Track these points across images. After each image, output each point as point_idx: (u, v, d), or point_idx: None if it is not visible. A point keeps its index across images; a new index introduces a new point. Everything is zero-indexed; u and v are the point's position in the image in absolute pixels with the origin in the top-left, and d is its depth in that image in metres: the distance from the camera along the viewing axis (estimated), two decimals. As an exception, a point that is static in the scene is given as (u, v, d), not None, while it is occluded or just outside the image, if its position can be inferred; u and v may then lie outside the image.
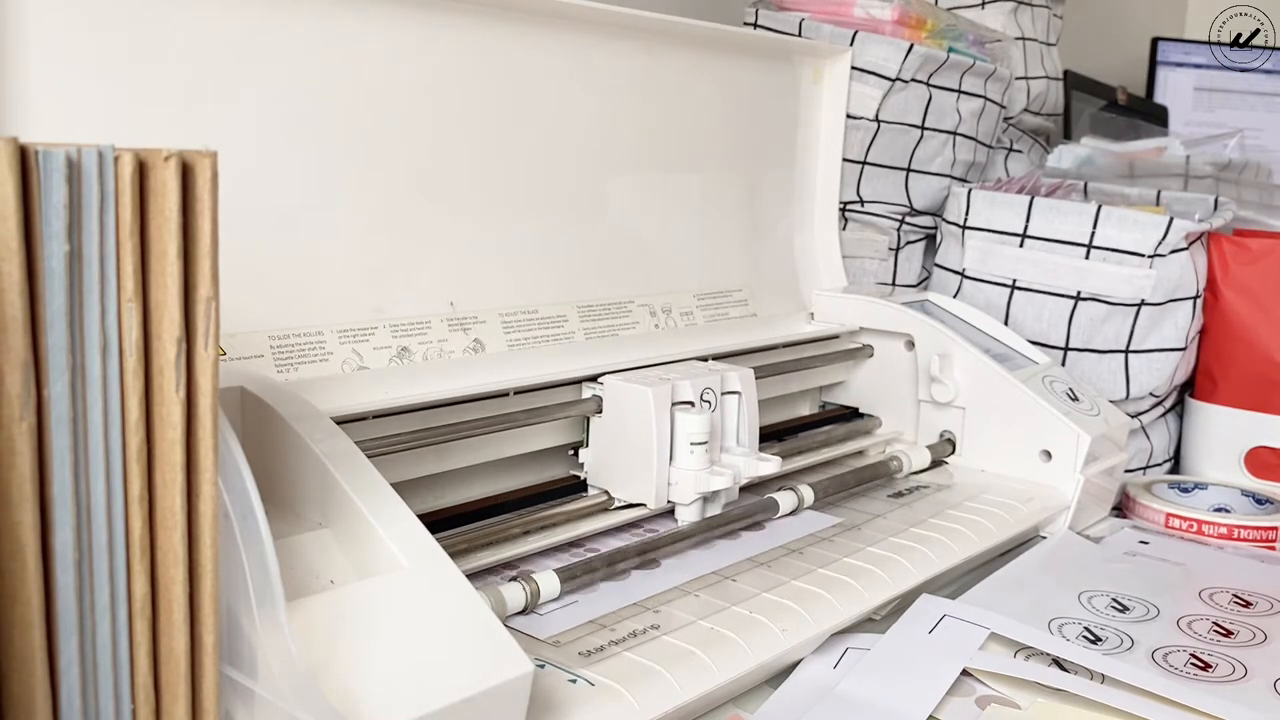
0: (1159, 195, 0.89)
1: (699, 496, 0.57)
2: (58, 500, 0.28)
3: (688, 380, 0.58)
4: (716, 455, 0.59)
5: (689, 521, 0.58)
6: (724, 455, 0.60)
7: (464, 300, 0.59)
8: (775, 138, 0.79)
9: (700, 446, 0.56)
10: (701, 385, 0.58)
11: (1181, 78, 1.53)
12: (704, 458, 0.57)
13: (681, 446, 0.56)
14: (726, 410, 0.60)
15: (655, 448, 0.56)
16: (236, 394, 0.43)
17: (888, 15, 0.84)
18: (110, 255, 0.28)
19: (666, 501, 0.57)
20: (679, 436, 0.56)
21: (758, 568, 0.54)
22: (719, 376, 0.60)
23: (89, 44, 0.45)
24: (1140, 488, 0.75)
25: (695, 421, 0.56)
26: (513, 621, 0.47)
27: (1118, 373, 0.79)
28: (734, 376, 0.60)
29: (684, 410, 0.57)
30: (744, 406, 0.61)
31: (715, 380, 0.59)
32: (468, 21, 0.58)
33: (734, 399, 0.61)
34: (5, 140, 0.25)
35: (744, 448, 0.61)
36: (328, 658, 0.34)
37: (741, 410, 0.61)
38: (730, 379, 0.60)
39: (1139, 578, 0.59)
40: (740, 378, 0.61)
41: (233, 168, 0.36)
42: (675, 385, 0.57)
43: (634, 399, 0.56)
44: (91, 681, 0.29)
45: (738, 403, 0.61)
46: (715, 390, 0.59)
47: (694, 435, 0.56)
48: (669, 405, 0.56)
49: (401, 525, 0.39)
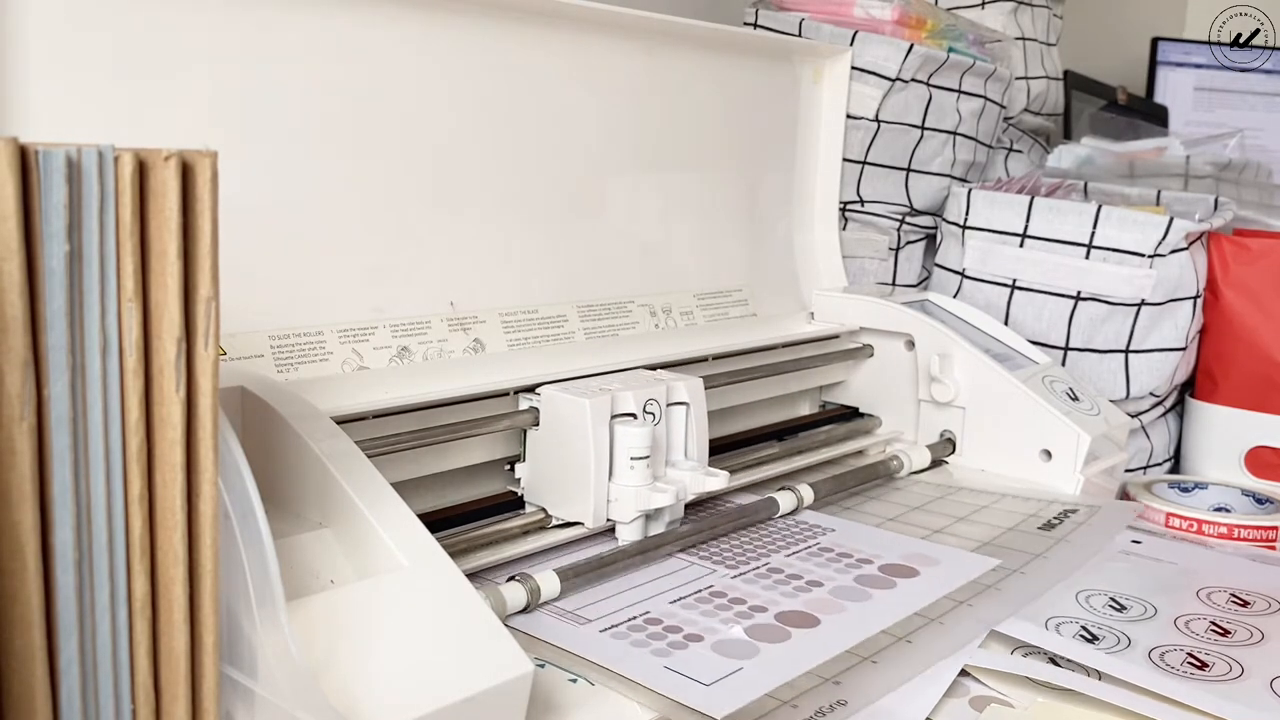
0: (1159, 195, 0.89)
1: (640, 514, 0.54)
2: (58, 500, 0.28)
3: (629, 391, 0.54)
4: (661, 470, 0.56)
5: (630, 541, 0.55)
6: (670, 470, 0.56)
7: (464, 300, 0.59)
8: (775, 138, 0.79)
9: (641, 461, 0.53)
10: (645, 396, 0.55)
11: (1181, 78, 1.52)
12: (646, 473, 0.54)
13: (622, 461, 0.53)
14: (673, 423, 0.57)
15: (593, 463, 0.53)
16: (236, 394, 0.43)
17: (888, 15, 0.84)
18: (110, 255, 0.28)
19: (606, 520, 0.54)
20: (619, 451, 0.53)
21: (930, 623, 0.49)
22: (664, 387, 0.56)
23: (89, 44, 0.45)
24: (1140, 487, 0.75)
25: (636, 435, 0.53)
26: (513, 621, 0.47)
27: (1118, 372, 0.79)
28: (681, 387, 0.57)
29: (624, 423, 0.54)
30: (692, 418, 0.57)
31: (660, 391, 0.56)
32: (468, 22, 0.58)
33: (681, 410, 0.57)
34: (5, 140, 0.26)
35: (693, 461, 0.58)
36: (328, 658, 0.34)
37: (690, 422, 0.57)
38: (677, 389, 0.57)
39: (1137, 577, 0.59)
40: (688, 388, 0.57)
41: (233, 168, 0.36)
42: (615, 396, 0.54)
43: (571, 411, 0.53)
44: (91, 681, 0.29)
45: (685, 414, 0.57)
46: (660, 401, 0.56)
47: (634, 449, 0.53)
48: (608, 418, 0.53)
49: (401, 525, 0.39)
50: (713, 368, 0.68)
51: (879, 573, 0.54)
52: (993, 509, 0.64)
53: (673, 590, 0.51)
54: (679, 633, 0.46)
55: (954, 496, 0.67)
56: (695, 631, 0.46)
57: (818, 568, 0.54)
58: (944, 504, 0.66)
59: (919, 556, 0.56)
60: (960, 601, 0.50)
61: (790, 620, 0.48)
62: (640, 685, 0.42)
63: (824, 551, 0.56)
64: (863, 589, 0.52)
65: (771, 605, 0.49)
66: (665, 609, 0.49)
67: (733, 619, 0.48)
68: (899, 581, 0.53)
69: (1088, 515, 0.64)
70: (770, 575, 0.53)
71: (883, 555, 0.56)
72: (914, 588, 0.52)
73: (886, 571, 0.54)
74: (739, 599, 0.50)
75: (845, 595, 0.51)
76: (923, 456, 0.71)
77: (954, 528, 0.61)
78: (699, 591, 0.51)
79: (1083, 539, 0.60)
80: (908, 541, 0.59)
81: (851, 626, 0.48)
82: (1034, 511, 0.64)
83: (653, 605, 0.49)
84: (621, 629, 0.46)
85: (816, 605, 0.50)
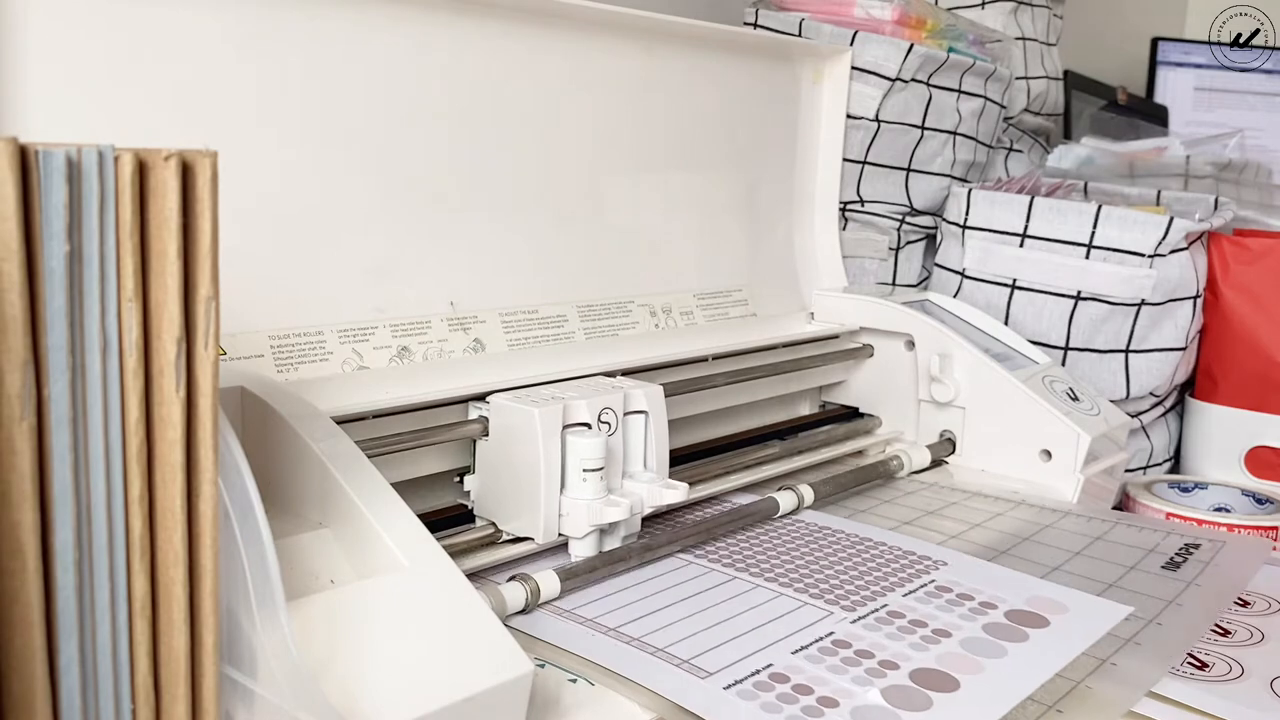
0: (1159, 195, 0.89)
1: (593, 529, 0.52)
2: (58, 500, 0.28)
3: (583, 400, 0.52)
4: (617, 482, 0.54)
5: (583, 557, 0.52)
6: (627, 482, 0.54)
7: (464, 300, 0.59)
8: (775, 138, 0.79)
9: (595, 474, 0.51)
10: (600, 405, 0.53)
11: (1181, 78, 1.53)
12: (599, 486, 0.51)
13: (574, 473, 0.51)
14: (631, 432, 0.55)
15: (543, 475, 0.50)
16: (236, 394, 0.43)
17: (888, 15, 0.84)
18: (110, 255, 0.28)
19: (558, 535, 0.52)
20: (571, 462, 0.51)
21: (1076, 688, 0.44)
22: (621, 395, 0.54)
23: (89, 44, 0.45)
24: (1140, 487, 0.75)
25: (588, 446, 0.51)
26: (513, 621, 0.47)
27: (1118, 372, 0.79)
28: (639, 395, 0.55)
29: (577, 433, 0.51)
30: (651, 428, 0.55)
31: (617, 399, 0.54)
32: (468, 21, 0.58)
33: (639, 420, 0.55)
34: (5, 140, 0.26)
35: (651, 473, 0.55)
36: (328, 658, 0.34)
37: (649, 432, 0.55)
38: (635, 398, 0.55)
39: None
40: (646, 396, 0.55)
41: (233, 167, 0.36)
42: (568, 405, 0.51)
43: (520, 420, 0.51)
44: (91, 681, 0.29)
45: (644, 424, 0.55)
46: (616, 410, 0.54)
47: (587, 461, 0.51)
48: (560, 428, 0.51)
49: (401, 525, 0.39)
50: (713, 368, 0.68)
51: (1007, 621, 0.49)
52: (1110, 543, 0.60)
53: (792, 637, 0.47)
54: (811, 694, 0.42)
55: (1061, 525, 0.63)
56: (829, 694, 0.42)
57: (940, 613, 0.50)
58: (1050, 534, 0.61)
59: (1045, 601, 0.52)
60: (1102, 660, 0.46)
61: (927, 681, 0.44)
62: (638, 685, 0.42)
63: (942, 592, 0.52)
64: (995, 642, 0.47)
65: (903, 661, 0.45)
66: (790, 662, 0.45)
67: (865, 677, 0.44)
68: (1030, 633, 0.48)
69: (1212, 552, 0.60)
70: (893, 621, 0.49)
71: (1005, 598, 0.52)
72: (1048, 641, 0.48)
73: (1014, 619, 0.50)
74: (866, 651, 0.46)
75: (978, 649, 0.47)
76: (923, 456, 0.71)
77: (1072, 564, 0.57)
78: (820, 640, 0.46)
79: (1213, 583, 0.56)
80: (1027, 581, 0.54)
81: (994, 691, 0.43)
82: (1151, 546, 0.60)
83: (775, 657, 0.45)
84: (747, 686, 0.42)
85: (951, 662, 0.45)
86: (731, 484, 0.64)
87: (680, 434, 0.69)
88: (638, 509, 0.53)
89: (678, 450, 0.67)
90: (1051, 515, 0.65)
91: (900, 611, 0.50)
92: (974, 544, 0.59)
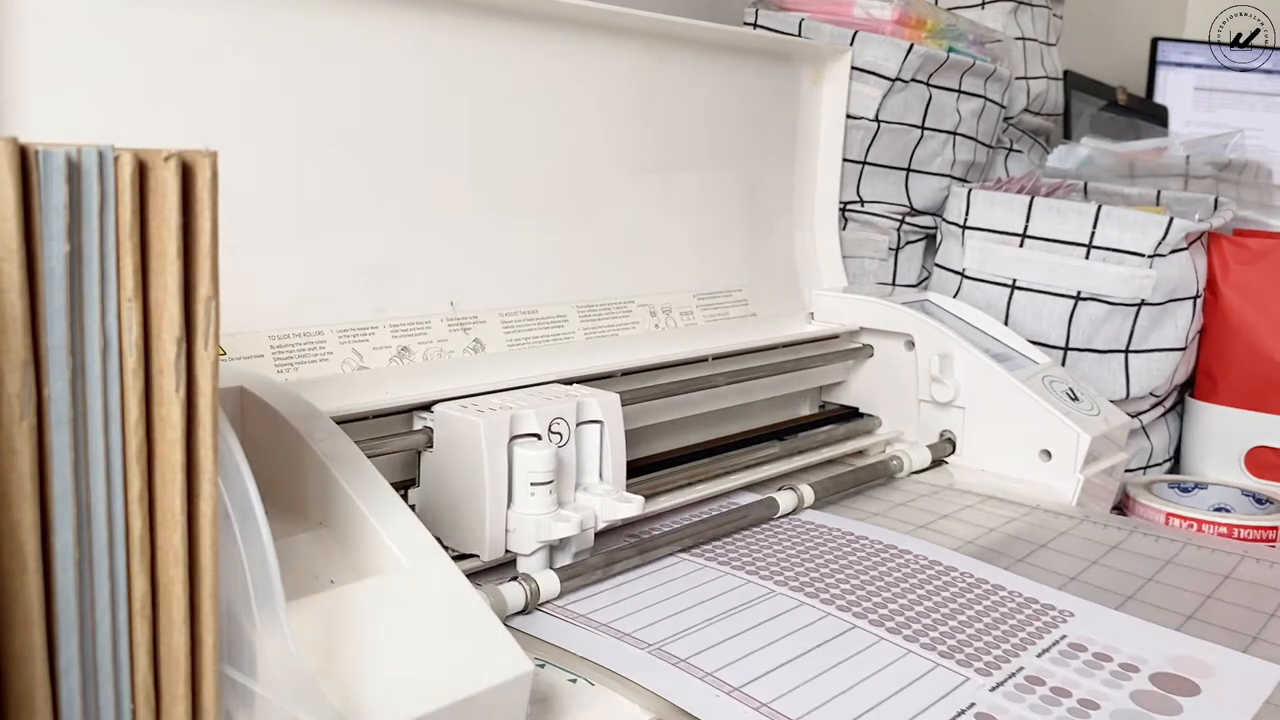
0: (1159, 195, 0.89)
1: (541, 546, 0.49)
2: (58, 500, 0.28)
3: (532, 409, 0.50)
4: (570, 495, 0.51)
5: (533, 574, 0.49)
6: (581, 495, 0.51)
7: (464, 300, 0.59)
8: (775, 138, 0.79)
9: (543, 487, 0.49)
10: (550, 414, 0.50)
11: (1181, 78, 1.53)
12: (548, 500, 0.49)
13: (521, 487, 0.49)
14: (585, 443, 0.52)
15: (488, 489, 0.48)
16: (236, 394, 0.43)
17: (888, 15, 0.84)
18: (110, 255, 0.28)
19: (504, 551, 0.49)
20: (518, 475, 0.49)
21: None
22: (574, 404, 0.51)
23: (89, 44, 0.45)
24: (1140, 487, 0.75)
25: (535, 458, 0.48)
26: (513, 621, 0.47)
27: (1118, 373, 0.79)
28: (593, 403, 0.52)
29: (524, 444, 0.49)
30: (607, 437, 0.52)
31: (569, 408, 0.51)
32: (468, 21, 0.58)
33: (594, 429, 0.52)
34: (5, 140, 0.25)
35: (608, 485, 0.52)
36: (328, 658, 0.34)
37: (605, 442, 0.52)
38: (589, 406, 0.52)
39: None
40: (601, 404, 0.52)
41: (233, 168, 0.36)
42: (515, 415, 0.49)
43: (464, 431, 0.48)
44: (91, 681, 0.29)
45: (599, 433, 0.52)
46: (569, 420, 0.51)
47: (535, 474, 0.48)
48: (506, 438, 0.49)
49: (401, 525, 0.39)
50: (713, 368, 0.68)
51: (1153, 687, 0.45)
52: (1199, 573, 0.57)
53: (931, 710, 0.42)
54: None
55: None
56: None
57: (1081, 677, 0.46)
58: (1173, 573, 0.58)
59: (1188, 661, 0.48)
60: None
61: None
62: (640, 686, 0.42)
63: (1077, 651, 0.48)
64: (1146, 714, 0.43)
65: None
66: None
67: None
68: (1182, 702, 0.44)
69: None
70: (1034, 689, 0.44)
71: (1145, 658, 0.48)
72: (1202, 711, 0.44)
73: (1160, 684, 0.46)
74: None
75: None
76: (923, 457, 0.71)
77: (1206, 610, 0.53)
78: (962, 713, 0.42)
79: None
80: (1163, 635, 0.50)
81: None
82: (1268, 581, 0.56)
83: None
84: None
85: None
86: (731, 484, 0.64)
87: (680, 434, 0.69)
88: (589, 524, 0.50)
89: (677, 451, 0.67)
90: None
91: (1040, 677, 0.46)
92: (1093, 586, 0.55)
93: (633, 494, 0.52)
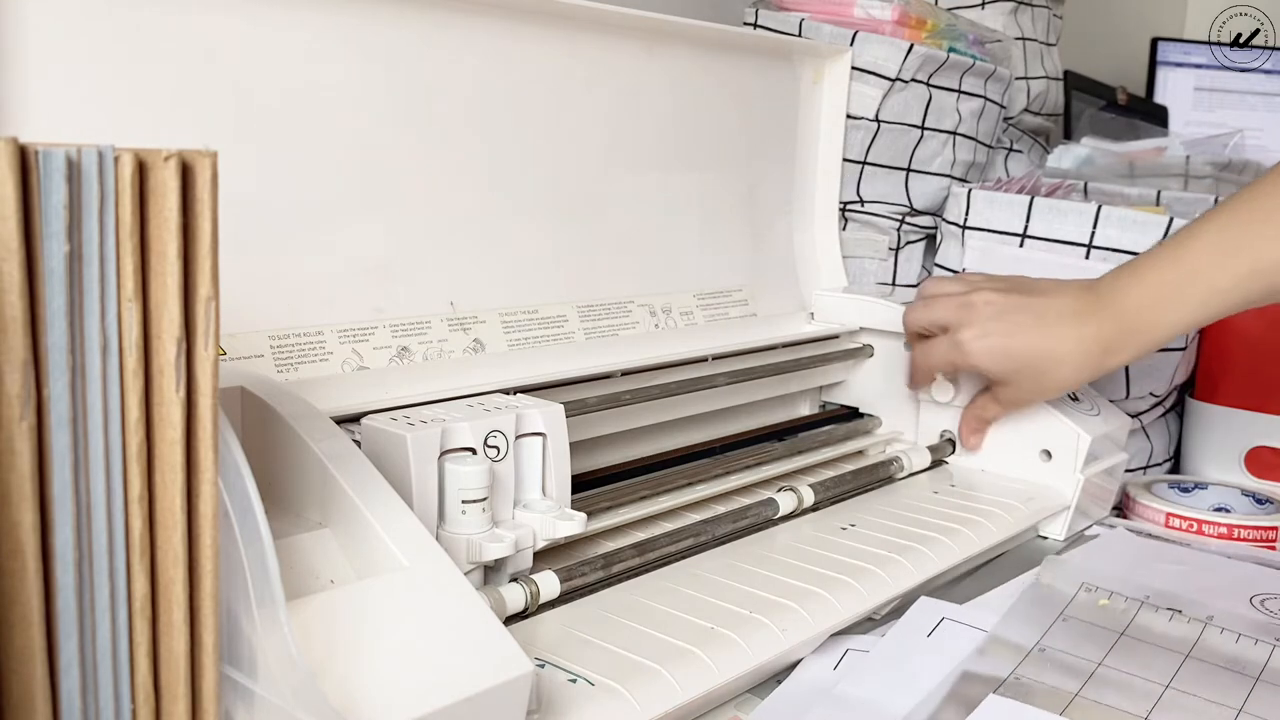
0: (1159, 195, 0.89)
1: (474, 567, 0.46)
2: (58, 500, 0.28)
3: (466, 422, 0.47)
4: (508, 513, 0.48)
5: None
6: (520, 512, 0.49)
7: (464, 300, 0.59)
8: (775, 138, 0.79)
9: (475, 505, 0.46)
10: (486, 428, 0.47)
11: (1181, 78, 1.53)
12: (482, 518, 0.46)
13: (453, 505, 0.46)
14: (525, 457, 0.49)
15: (416, 508, 0.45)
16: (236, 394, 0.43)
17: (888, 15, 0.84)
18: (110, 255, 0.28)
19: None
20: (449, 492, 0.46)
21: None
22: (514, 416, 0.48)
23: (88, 44, 0.45)
24: (1140, 487, 0.75)
25: (467, 475, 0.45)
26: (513, 621, 0.47)
27: (1118, 373, 0.79)
28: (535, 415, 0.49)
29: (456, 459, 0.46)
30: (549, 451, 0.50)
31: (507, 420, 0.48)
32: (468, 21, 0.58)
33: (535, 442, 0.49)
34: (5, 140, 0.25)
35: (550, 501, 0.50)
36: (328, 658, 0.34)
37: (547, 456, 0.50)
38: (530, 418, 0.49)
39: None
40: (544, 416, 0.49)
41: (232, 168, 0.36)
42: (447, 428, 0.46)
43: (391, 445, 0.45)
44: (91, 681, 0.29)
45: (542, 447, 0.50)
46: (508, 433, 0.48)
47: (466, 491, 0.45)
48: (436, 453, 0.46)
49: (401, 525, 0.39)
50: (713, 368, 0.68)
51: None
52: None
53: None
54: None
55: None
56: None
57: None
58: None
59: None
60: None
61: None
62: (638, 685, 0.42)
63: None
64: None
65: None
66: None
67: None
68: None
69: None
70: None
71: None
72: None
73: None
74: None
75: None
76: (923, 457, 0.71)
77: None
78: None
79: None
80: None
81: None
82: None
83: None
84: None
85: None
86: (731, 484, 0.64)
87: (680, 434, 0.69)
88: (527, 543, 0.47)
89: (677, 451, 0.67)
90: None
91: None
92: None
93: (575, 510, 0.50)
